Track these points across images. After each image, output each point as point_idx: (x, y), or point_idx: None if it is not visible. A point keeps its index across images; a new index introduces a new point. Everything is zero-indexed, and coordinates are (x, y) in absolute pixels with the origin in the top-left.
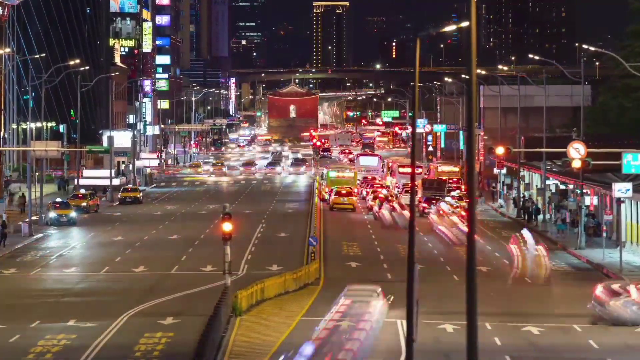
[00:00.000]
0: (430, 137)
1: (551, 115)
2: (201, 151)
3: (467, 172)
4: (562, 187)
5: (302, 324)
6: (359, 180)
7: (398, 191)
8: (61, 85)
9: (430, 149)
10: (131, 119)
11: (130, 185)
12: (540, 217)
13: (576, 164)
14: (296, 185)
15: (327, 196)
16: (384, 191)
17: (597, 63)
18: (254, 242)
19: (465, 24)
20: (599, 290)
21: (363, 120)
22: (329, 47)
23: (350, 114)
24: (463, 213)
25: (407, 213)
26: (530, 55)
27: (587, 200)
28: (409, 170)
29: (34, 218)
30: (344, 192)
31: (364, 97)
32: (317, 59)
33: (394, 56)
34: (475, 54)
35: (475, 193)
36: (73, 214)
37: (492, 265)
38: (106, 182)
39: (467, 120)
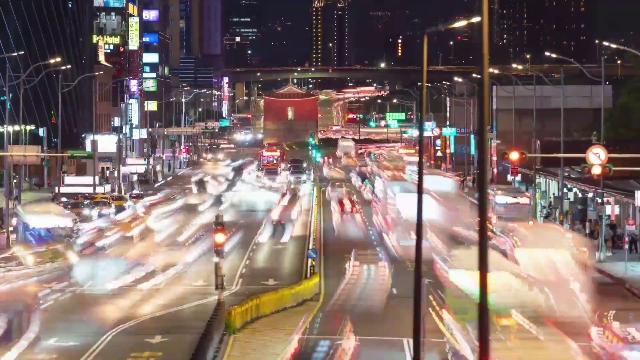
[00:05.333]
0: (438, 142)
1: (569, 117)
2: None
3: (479, 179)
4: (581, 195)
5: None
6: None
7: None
8: (41, 86)
9: (439, 154)
10: (116, 121)
11: None
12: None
13: (596, 170)
14: None
15: None
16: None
17: (618, 61)
18: None
19: (476, 19)
20: None
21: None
22: (330, 45)
23: (353, 116)
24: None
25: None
26: (547, 53)
27: (608, 210)
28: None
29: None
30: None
31: (367, 98)
32: (317, 57)
33: (399, 54)
34: (488, 52)
35: (486, 203)
36: None
37: None
38: (89, 189)
39: (479, 123)
